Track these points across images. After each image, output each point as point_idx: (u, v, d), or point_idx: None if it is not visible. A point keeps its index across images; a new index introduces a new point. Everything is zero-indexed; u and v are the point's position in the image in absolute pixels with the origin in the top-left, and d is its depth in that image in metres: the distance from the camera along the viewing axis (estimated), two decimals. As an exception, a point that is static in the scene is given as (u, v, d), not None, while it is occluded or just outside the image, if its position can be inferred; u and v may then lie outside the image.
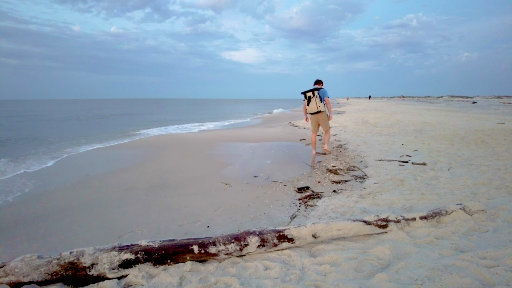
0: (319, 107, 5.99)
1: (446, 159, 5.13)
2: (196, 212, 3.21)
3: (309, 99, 5.99)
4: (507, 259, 1.81)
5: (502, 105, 28.12)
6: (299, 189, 3.91)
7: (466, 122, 10.98)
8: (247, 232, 2.09)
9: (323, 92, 6.01)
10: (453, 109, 23.34)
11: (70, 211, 3.31)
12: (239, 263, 1.99)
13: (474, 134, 7.55)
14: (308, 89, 6.07)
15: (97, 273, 1.79)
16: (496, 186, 3.42)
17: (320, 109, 6.02)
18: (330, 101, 6.18)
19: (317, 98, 5.95)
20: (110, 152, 7.44)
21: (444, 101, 49.95)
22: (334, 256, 1.99)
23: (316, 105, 5.97)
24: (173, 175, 4.81)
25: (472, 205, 2.63)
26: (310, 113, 6.19)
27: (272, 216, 3.06)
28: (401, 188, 3.62)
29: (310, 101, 5.98)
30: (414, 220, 2.43)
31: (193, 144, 8.15)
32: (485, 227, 2.36)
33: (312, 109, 6.05)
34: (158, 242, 1.95)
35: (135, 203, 3.43)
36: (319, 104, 5.98)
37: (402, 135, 8.28)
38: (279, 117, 20.00)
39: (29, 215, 3.24)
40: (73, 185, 4.45)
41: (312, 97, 5.96)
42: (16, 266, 1.71)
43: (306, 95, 6.04)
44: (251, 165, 5.50)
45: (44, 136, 11.21)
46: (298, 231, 2.16)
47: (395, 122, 11.79)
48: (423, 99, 73.95)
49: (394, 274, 1.74)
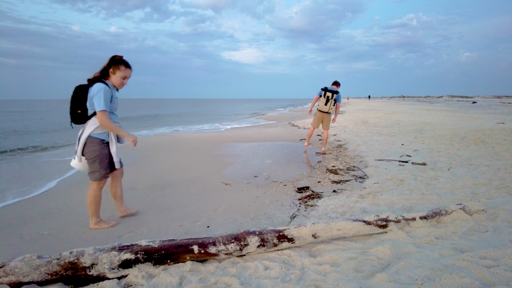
0: (330, 110, 6.53)
1: (446, 159, 5.13)
2: (196, 212, 3.21)
3: (328, 98, 6.44)
4: (507, 259, 1.81)
5: (502, 105, 28.13)
6: (299, 189, 3.91)
7: (466, 122, 10.98)
8: (247, 232, 2.09)
9: (339, 97, 6.52)
10: (453, 109, 23.35)
11: (70, 211, 3.31)
12: (239, 263, 1.99)
13: (474, 134, 7.55)
14: (330, 88, 6.49)
15: (97, 273, 1.79)
16: (496, 186, 3.42)
17: (330, 111, 6.58)
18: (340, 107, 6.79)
19: (333, 101, 6.48)
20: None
21: (444, 101, 49.97)
22: (334, 256, 1.99)
23: (330, 106, 6.49)
24: (173, 175, 4.81)
25: (472, 205, 2.63)
26: (320, 110, 6.62)
27: (272, 216, 3.06)
28: (401, 188, 3.62)
29: (328, 101, 6.45)
30: (414, 220, 2.43)
31: (192, 144, 8.15)
32: (485, 227, 2.36)
33: (325, 109, 6.53)
34: (158, 242, 1.95)
35: (135, 203, 3.43)
36: (332, 107, 6.52)
37: (402, 135, 8.28)
38: (279, 117, 20.00)
39: (29, 215, 3.24)
40: (73, 184, 4.45)
41: (330, 99, 6.44)
42: (16, 266, 1.71)
43: (326, 93, 6.45)
44: (251, 165, 5.50)
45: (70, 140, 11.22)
46: (298, 231, 2.16)
47: (395, 122, 11.79)
48: (423, 99, 73.98)
49: (394, 274, 1.74)
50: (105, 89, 2.51)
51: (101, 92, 2.47)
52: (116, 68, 2.59)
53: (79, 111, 2.56)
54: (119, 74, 2.61)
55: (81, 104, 2.56)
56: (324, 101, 6.45)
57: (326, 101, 6.43)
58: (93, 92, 2.49)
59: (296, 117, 18.91)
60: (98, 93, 2.47)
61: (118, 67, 2.59)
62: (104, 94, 2.48)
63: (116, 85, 2.67)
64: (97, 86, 2.50)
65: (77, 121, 2.60)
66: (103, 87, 2.50)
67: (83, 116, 2.58)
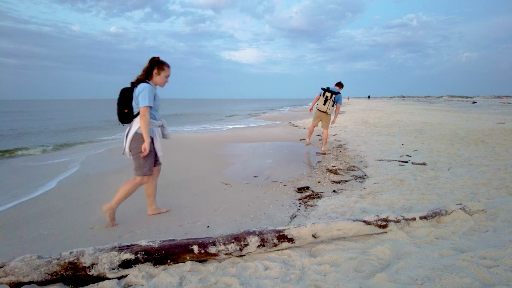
0: (328, 110, 6.56)
1: (446, 159, 5.13)
2: (196, 212, 3.21)
3: (326, 98, 6.49)
4: (507, 259, 1.81)
5: (502, 105, 28.13)
6: (299, 189, 3.91)
7: (466, 122, 10.98)
8: (247, 232, 2.09)
9: (339, 98, 6.55)
10: (453, 109, 23.35)
11: (70, 211, 3.31)
12: (239, 263, 1.99)
13: (474, 134, 7.55)
14: (330, 89, 6.54)
15: (97, 273, 1.79)
16: (496, 186, 3.42)
17: (328, 112, 6.60)
18: (340, 108, 6.76)
19: (331, 102, 6.50)
20: (110, 152, 7.43)
21: (444, 101, 49.97)
22: (334, 256, 1.99)
23: (327, 107, 6.53)
24: (173, 175, 4.81)
25: (472, 205, 2.63)
26: (319, 109, 6.68)
27: (272, 216, 3.06)
28: (401, 188, 3.62)
29: (326, 101, 6.51)
30: (414, 220, 2.43)
31: (192, 144, 8.16)
32: (485, 227, 2.36)
33: (323, 108, 6.59)
34: (158, 242, 1.95)
35: (135, 203, 3.43)
36: (330, 107, 6.54)
37: (402, 135, 8.28)
38: (278, 117, 20.00)
39: (29, 215, 3.24)
40: (73, 184, 4.45)
41: (329, 99, 6.47)
42: (16, 266, 1.71)
43: (325, 93, 6.51)
44: (251, 165, 5.50)
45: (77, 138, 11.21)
46: (298, 231, 2.16)
47: (395, 122, 11.79)
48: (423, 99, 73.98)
49: (394, 274, 1.74)
50: (150, 87, 2.71)
51: (146, 90, 2.68)
52: (161, 69, 2.79)
53: (126, 110, 2.77)
54: (164, 74, 2.81)
55: (128, 104, 2.76)
56: (323, 100, 6.52)
57: (324, 101, 6.50)
58: (139, 91, 2.69)
59: (296, 117, 18.90)
60: (144, 91, 2.67)
61: (162, 67, 2.79)
62: (149, 92, 2.69)
63: (160, 84, 2.86)
64: (142, 85, 2.70)
65: (124, 120, 2.81)
66: (148, 85, 2.71)
67: (130, 115, 2.78)
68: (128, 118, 2.79)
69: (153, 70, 2.76)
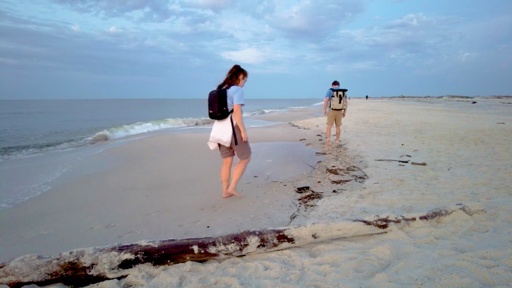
0: (344, 106, 7.12)
1: (446, 159, 5.13)
2: (196, 212, 3.21)
3: (340, 97, 7.01)
4: (507, 259, 1.81)
5: (502, 105, 28.13)
6: (299, 189, 3.91)
7: (466, 122, 10.98)
8: (247, 232, 2.09)
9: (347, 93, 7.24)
10: (453, 109, 23.35)
11: (70, 211, 3.31)
12: (239, 263, 1.99)
13: (474, 134, 7.55)
14: (340, 88, 7.09)
15: (97, 273, 1.79)
16: (496, 186, 3.42)
17: (344, 107, 7.18)
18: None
19: (345, 98, 7.10)
20: (110, 152, 7.44)
21: (444, 101, 49.97)
22: (334, 256, 1.99)
23: (343, 103, 7.08)
24: (173, 175, 4.81)
25: (472, 205, 2.63)
26: (335, 109, 7.12)
27: (272, 216, 3.06)
28: (401, 188, 3.62)
29: (341, 99, 7.02)
30: (414, 220, 2.43)
31: (192, 144, 8.15)
32: (485, 227, 2.36)
33: (339, 106, 7.08)
34: (158, 242, 1.95)
35: (135, 203, 3.43)
36: (345, 103, 7.13)
37: (402, 135, 8.28)
38: (278, 117, 20.00)
39: (29, 215, 3.24)
40: (73, 184, 4.45)
41: (343, 97, 7.04)
42: (16, 266, 1.71)
43: (338, 93, 7.00)
44: (251, 165, 5.48)
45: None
46: (298, 231, 2.16)
47: (395, 122, 11.80)
48: (423, 99, 73.97)
49: (394, 274, 1.74)
50: (242, 89, 3.32)
51: (241, 91, 3.27)
52: (245, 75, 3.42)
53: (224, 108, 3.24)
54: (245, 79, 3.44)
55: (225, 103, 3.24)
56: (338, 99, 7.01)
57: (339, 99, 7.00)
58: (234, 91, 3.24)
59: (296, 117, 18.91)
60: (238, 91, 3.25)
61: (245, 74, 3.41)
62: (242, 93, 3.28)
63: (242, 86, 3.42)
64: (235, 87, 3.28)
65: (222, 116, 3.27)
66: (241, 88, 3.31)
67: (227, 111, 3.27)
68: (225, 115, 3.26)
69: (239, 75, 3.35)
